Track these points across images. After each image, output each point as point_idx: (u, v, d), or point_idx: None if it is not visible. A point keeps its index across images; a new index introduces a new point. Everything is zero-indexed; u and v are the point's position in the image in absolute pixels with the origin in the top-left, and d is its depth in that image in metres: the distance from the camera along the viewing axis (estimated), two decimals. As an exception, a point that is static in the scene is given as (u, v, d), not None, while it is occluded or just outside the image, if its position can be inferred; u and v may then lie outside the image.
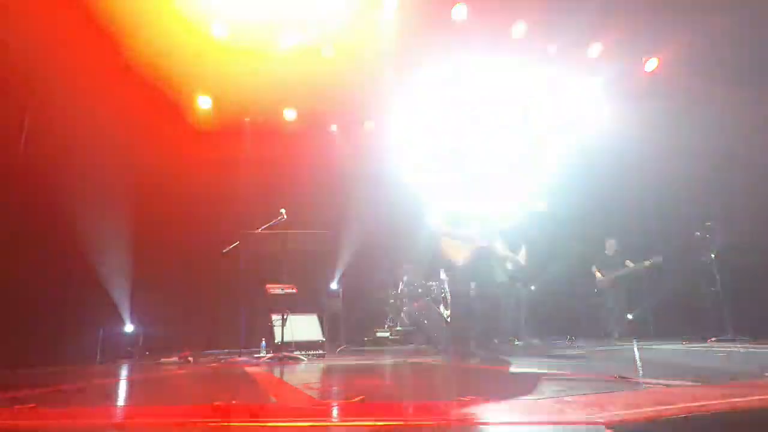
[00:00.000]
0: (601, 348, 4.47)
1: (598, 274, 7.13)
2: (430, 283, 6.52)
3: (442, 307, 4.80)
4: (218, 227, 6.41)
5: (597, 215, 8.22)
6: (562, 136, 8.48)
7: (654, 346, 4.38)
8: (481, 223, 4.27)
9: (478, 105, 7.33)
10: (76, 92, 5.30)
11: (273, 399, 1.82)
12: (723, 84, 5.84)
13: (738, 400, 1.17)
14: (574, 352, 4.11)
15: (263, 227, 4.62)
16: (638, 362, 2.83)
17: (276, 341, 5.05)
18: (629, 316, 7.55)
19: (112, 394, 2.24)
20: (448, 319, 4.64)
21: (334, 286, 7.38)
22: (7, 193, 4.50)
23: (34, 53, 4.81)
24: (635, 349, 4.03)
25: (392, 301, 7.08)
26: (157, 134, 6.52)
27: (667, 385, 1.61)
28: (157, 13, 5.46)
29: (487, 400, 1.53)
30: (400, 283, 7.06)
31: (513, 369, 2.69)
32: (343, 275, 7.79)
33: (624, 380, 1.86)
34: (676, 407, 1.08)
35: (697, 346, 4.17)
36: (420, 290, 6.70)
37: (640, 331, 7.12)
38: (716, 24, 5.57)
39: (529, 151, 8.29)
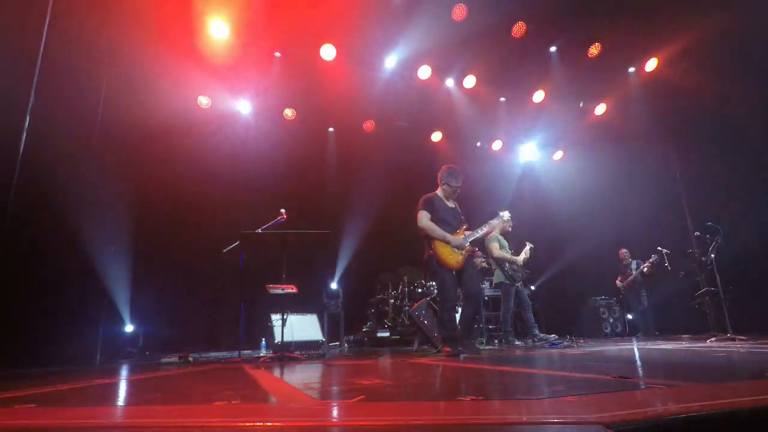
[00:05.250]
0: (601, 348, 4.47)
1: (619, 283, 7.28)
2: (430, 282, 6.53)
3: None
4: (218, 227, 6.42)
5: (598, 214, 8.24)
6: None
7: (654, 346, 4.38)
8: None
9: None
10: (75, 89, 5.30)
11: (273, 399, 1.81)
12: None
13: (738, 400, 1.17)
14: (575, 351, 4.10)
15: (263, 227, 4.62)
16: (638, 362, 2.83)
17: (276, 341, 5.05)
18: (629, 316, 7.57)
19: (112, 394, 2.24)
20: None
21: (334, 286, 7.39)
22: (7, 192, 4.50)
23: (37, 50, 4.80)
24: (635, 349, 4.03)
25: (392, 301, 7.08)
26: (156, 134, 6.52)
27: (667, 385, 1.61)
28: (157, 11, 5.46)
29: (487, 400, 1.53)
30: (400, 283, 7.07)
31: (513, 369, 2.69)
32: (343, 275, 7.80)
33: (624, 380, 1.86)
34: (676, 407, 1.08)
35: (697, 346, 4.17)
36: (420, 290, 6.71)
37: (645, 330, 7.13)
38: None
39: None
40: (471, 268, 4.20)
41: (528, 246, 5.79)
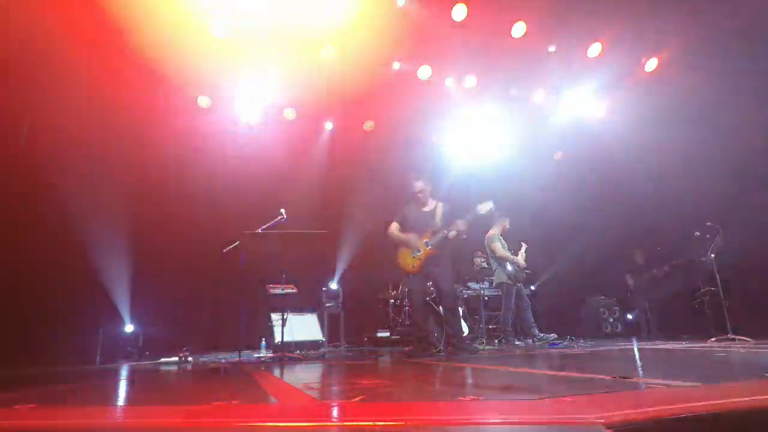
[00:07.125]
0: (601, 348, 4.47)
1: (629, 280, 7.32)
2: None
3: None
4: (218, 227, 6.42)
5: (598, 215, 8.24)
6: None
7: (653, 346, 4.38)
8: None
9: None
10: (75, 90, 5.29)
11: (273, 399, 1.81)
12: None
13: (738, 400, 1.17)
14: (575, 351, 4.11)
15: (263, 227, 4.62)
16: (638, 362, 2.83)
17: (276, 341, 5.05)
18: (629, 316, 7.57)
19: (112, 394, 2.24)
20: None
21: (334, 286, 7.38)
22: (7, 193, 4.50)
23: (37, 49, 4.80)
24: (635, 349, 4.03)
25: (392, 301, 7.08)
26: (156, 134, 6.52)
27: (667, 385, 1.61)
28: (156, 11, 5.46)
29: (487, 400, 1.54)
30: (401, 283, 7.06)
31: (513, 369, 2.69)
32: (343, 275, 7.79)
33: (624, 380, 1.86)
34: (676, 407, 1.08)
35: (697, 346, 4.17)
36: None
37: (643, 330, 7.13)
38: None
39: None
40: (444, 284, 4.23)
41: (524, 246, 5.84)
